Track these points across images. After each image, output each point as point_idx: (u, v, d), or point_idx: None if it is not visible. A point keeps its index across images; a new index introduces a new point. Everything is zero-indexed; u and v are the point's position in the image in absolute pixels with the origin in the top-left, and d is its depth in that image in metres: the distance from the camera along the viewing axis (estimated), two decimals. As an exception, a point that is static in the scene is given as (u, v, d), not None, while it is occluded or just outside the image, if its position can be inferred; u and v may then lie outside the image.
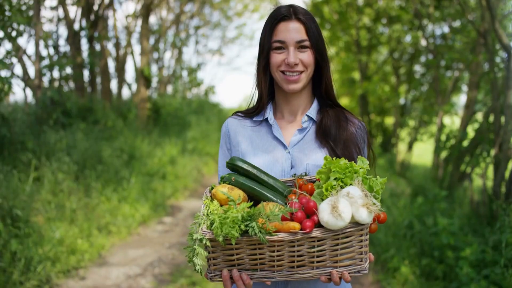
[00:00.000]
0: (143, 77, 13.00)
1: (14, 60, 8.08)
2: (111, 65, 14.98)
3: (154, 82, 17.25)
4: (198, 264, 1.84)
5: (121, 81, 14.64)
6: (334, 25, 14.26)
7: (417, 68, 13.64)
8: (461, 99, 14.82)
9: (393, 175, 11.29)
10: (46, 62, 9.12)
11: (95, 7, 11.37)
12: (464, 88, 11.83)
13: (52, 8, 10.20)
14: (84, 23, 11.01)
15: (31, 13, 8.32)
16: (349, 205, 1.78)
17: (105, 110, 11.35)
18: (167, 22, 18.87)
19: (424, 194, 7.97)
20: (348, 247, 1.87)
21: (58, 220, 6.38)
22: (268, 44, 2.18)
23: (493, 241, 4.98)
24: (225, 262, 1.91)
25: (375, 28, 13.59)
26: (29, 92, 9.55)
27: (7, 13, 7.04)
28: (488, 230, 5.42)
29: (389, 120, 15.86)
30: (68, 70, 10.17)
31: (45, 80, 9.42)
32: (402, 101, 14.02)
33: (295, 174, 2.17)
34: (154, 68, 18.13)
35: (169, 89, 20.08)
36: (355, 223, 1.83)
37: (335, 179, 1.92)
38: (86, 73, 11.93)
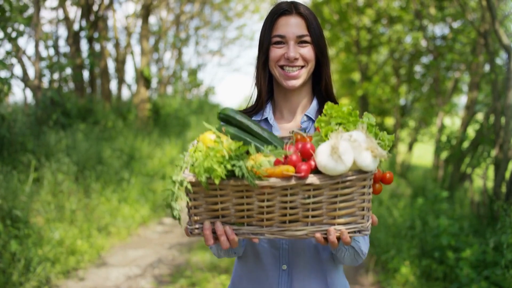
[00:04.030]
0: (143, 78, 12.99)
1: (14, 60, 8.07)
2: (111, 65, 14.99)
3: (154, 82, 17.25)
4: (177, 209, 1.63)
5: (121, 81, 14.63)
6: (334, 26, 14.26)
7: (418, 68, 13.63)
8: (462, 99, 14.83)
9: (393, 176, 11.26)
10: (46, 62, 9.12)
11: (95, 8, 11.37)
12: (465, 88, 11.84)
13: (52, 9, 10.20)
14: (84, 23, 11.00)
15: (30, 11, 8.32)
16: (351, 148, 1.58)
17: (105, 111, 11.35)
18: (167, 22, 18.86)
19: (425, 195, 7.96)
20: (348, 200, 1.66)
21: (57, 221, 6.37)
22: (267, 39, 2.14)
23: (493, 242, 4.97)
24: (207, 213, 1.71)
25: (375, 29, 13.59)
26: (29, 93, 9.55)
27: (7, 14, 7.02)
28: (489, 230, 5.41)
29: (389, 121, 15.86)
30: (68, 70, 10.17)
31: (45, 80, 9.42)
32: (402, 101, 14.01)
33: (292, 130, 2.00)
34: (154, 69, 18.14)
35: (169, 89, 20.07)
36: (357, 171, 1.63)
37: (336, 124, 1.74)
38: (86, 74, 11.94)
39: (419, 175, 11.47)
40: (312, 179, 1.60)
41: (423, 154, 16.16)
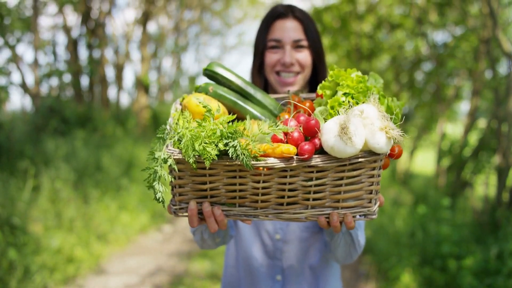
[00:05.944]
0: (143, 85, 12.99)
1: (13, 67, 8.06)
2: (110, 72, 15.00)
3: (154, 89, 17.27)
4: (160, 191, 1.45)
5: (120, 89, 14.63)
6: (335, 33, 14.24)
7: (419, 75, 13.60)
8: (463, 107, 14.80)
9: (395, 184, 11.23)
10: (44, 70, 9.12)
11: (94, 15, 11.37)
12: (467, 95, 11.81)
13: (51, 16, 10.23)
14: (83, 30, 11.01)
15: (29, 12, 8.32)
16: (362, 127, 1.39)
17: (104, 118, 11.33)
18: (167, 29, 18.88)
19: (426, 203, 7.92)
20: (355, 183, 1.48)
21: (56, 228, 6.33)
22: (263, 43, 2.07)
23: (496, 249, 4.93)
24: (194, 193, 1.52)
25: (376, 36, 13.57)
26: (27, 100, 9.56)
27: (6, 21, 7.01)
28: (491, 238, 5.37)
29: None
30: (67, 77, 10.17)
31: (44, 88, 9.42)
32: (403, 109, 13.94)
33: (289, 90, 1.89)
34: (153, 76, 18.16)
35: (169, 96, 20.09)
36: (367, 151, 1.45)
37: (344, 94, 1.52)
38: (84, 81, 11.94)
39: (421, 183, 11.41)
40: (317, 160, 1.42)
41: (424, 162, 16.10)
